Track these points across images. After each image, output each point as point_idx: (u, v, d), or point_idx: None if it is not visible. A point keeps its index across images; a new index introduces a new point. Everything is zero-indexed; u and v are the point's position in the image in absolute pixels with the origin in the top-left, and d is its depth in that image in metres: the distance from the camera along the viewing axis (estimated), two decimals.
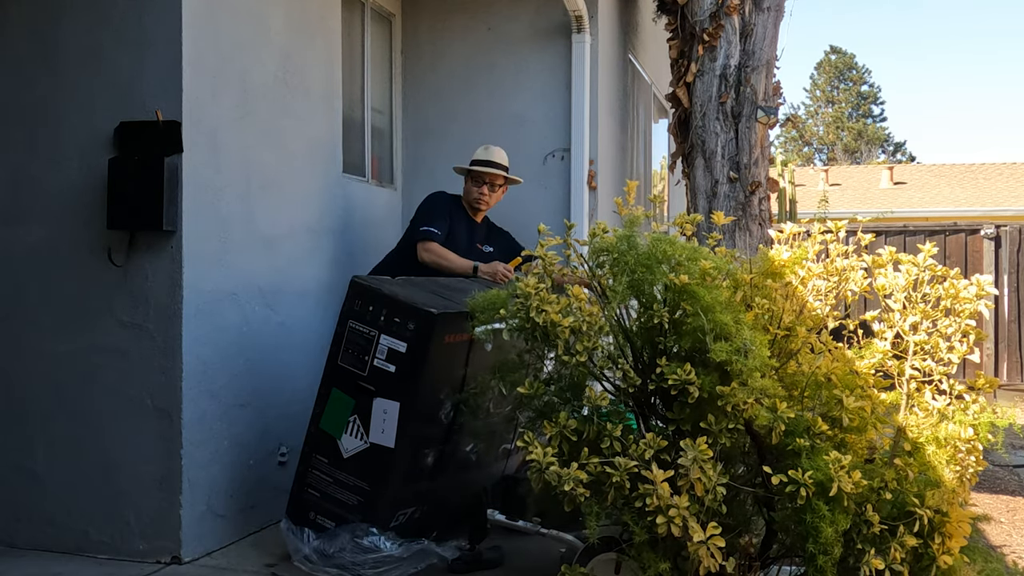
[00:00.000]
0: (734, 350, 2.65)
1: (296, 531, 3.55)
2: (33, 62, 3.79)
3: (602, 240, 2.98)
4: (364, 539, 3.40)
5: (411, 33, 5.86)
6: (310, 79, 4.50)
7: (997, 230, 11.04)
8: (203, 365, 3.71)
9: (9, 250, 3.85)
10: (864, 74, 48.33)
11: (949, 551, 2.74)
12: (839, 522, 2.59)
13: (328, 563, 3.41)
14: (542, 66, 5.69)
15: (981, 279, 2.99)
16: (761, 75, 6.08)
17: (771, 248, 3.17)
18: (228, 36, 3.87)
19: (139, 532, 3.67)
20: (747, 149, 6.05)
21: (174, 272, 3.62)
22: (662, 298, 2.87)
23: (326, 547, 3.41)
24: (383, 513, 3.51)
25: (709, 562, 2.54)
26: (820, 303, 3.12)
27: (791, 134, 46.45)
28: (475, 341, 3.46)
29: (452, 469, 3.79)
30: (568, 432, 2.76)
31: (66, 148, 3.75)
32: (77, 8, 3.74)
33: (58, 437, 3.76)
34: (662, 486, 2.54)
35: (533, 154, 5.70)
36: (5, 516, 3.83)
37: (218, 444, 3.82)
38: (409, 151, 5.87)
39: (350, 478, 3.50)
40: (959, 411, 2.90)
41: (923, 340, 2.99)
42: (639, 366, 2.94)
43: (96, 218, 3.68)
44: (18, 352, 3.83)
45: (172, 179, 3.58)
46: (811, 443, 2.69)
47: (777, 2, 6.20)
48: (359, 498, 3.49)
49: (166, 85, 3.60)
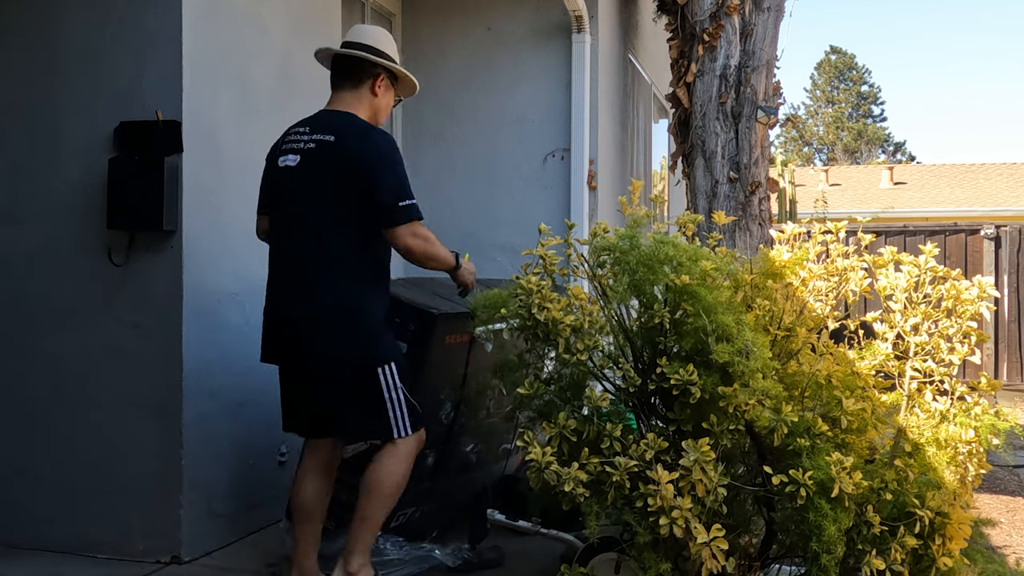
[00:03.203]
0: (736, 351, 2.65)
1: (294, 532, 3.53)
2: (33, 62, 3.79)
3: (603, 240, 2.98)
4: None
5: (411, 33, 5.86)
6: (310, 79, 4.49)
7: (997, 230, 11.04)
8: (203, 365, 3.71)
9: (9, 250, 3.84)
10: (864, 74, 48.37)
11: (949, 552, 2.74)
12: (841, 520, 2.59)
13: (328, 565, 3.40)
14: (542, 66, 5.69)
15: (982, 280, 2.99)
16: (761, 75, 6.08)
17: (772, 248, 3.17)
18: (228, 36, 3.87)
19: (139, 532, 3.67)
20: (747, 149, 6.05)
21: (174, 272, 3.62)
22: (663, 298, 2.87)
23: (325, 548, 3.41)
24: None
25: (711, 563, 2.54)
26: (821, 304, 3.12)
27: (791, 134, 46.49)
28: (475, 341, 3.46)
29: (452, 469, 3.79)
30: (568, 432, 2.76)
31: (66, 148, 3.75)
32: (77, 8, 3.73)
33: (58, 437, 3.76)
34: (666, 487, 2.54)
35: (533, 154, 5.70)
36: (5, 516, 3.82)
37: (218, 444, 3.81)
38: (409, 151, 5.86)
39: (350, 478, 3.50)
40: (960, 413, 2.90)
41: (924, 341, 2.99)
42: (639, 366, 2.94)
43: (96, 218, 3.68)
44: (18, 352, 3.83)
45: (172, 179, 3.57)
46: (811, 443, 2.69)
47: (777, 2, 6.21)
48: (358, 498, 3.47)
49: (166, 85, 3.60)
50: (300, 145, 3.07)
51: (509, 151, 5.76)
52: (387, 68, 3.20)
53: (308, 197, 3.03)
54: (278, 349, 3.14)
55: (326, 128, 3.06)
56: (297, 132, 3.13)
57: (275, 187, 3.15)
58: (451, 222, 5.73)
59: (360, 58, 3.16)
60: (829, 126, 47.23)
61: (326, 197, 3.01)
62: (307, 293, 3.03)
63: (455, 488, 3.83)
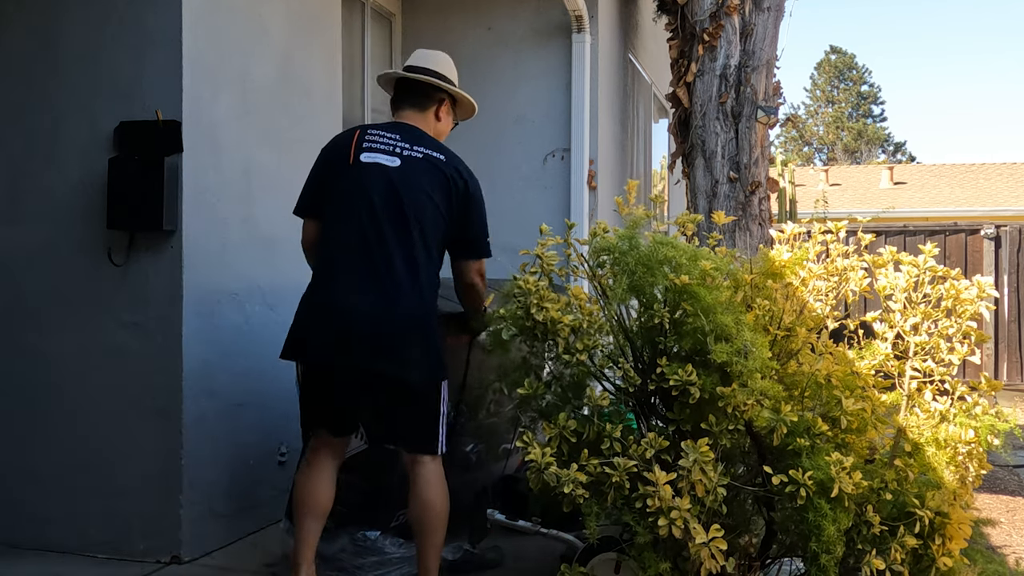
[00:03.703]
0: (735, 351, 2.64)
1: (294, 531, 3.54)
2: (33, 62, 3.79)
3: (603, 240, 2.98)
4: (364, 541, 3.39)
5: (411, 33, 5.86)
6: (310, 79, 4.50)
7: (997, 230, 11.04)
8: (203, 365, 3.71)
9: (9, 250, 3.84)
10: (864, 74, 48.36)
11: (949, 552, 2.74)
12: (841, 520, 2.59)
13: (328, 565, 3.41)
14: (542, 66, 5.69)
15: (982, 280, 2.99)
16: (761, 75, 6.08)
17: (771, 248, 3.17)
18: (228, 36, 3.87)
19: (139, 532, 3.67)
20: (747, 149, 6.05)
21: (174, 272, 3.62)
22: (663, 298, 2.87)
23: (325, 548, 3.41)
24: (383, 514, 3.51)
25: (710, 563, 2.54)
26: (820, 303, 3.12)
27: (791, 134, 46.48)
28: (475, 342, 3.46)
29: (453, 470, 3.78)
30: (568, 433, 2.75)
31: (66, 148, 3.75)
32: (77, 8, 3.73)
33: (58, 437, 3.76)
34: (664, 488, 2.54)
35: (533, 154, 5.71)
36: (5, 516, 3.82)
37: (218, 444, 3.81)
38: None
39: (349, 478, 3.50)
40: (960, 413, 2.90)
41: (924, 341, 2.99)
42: (639, 366, 2.94)
43: (96, 218, 3.68)
44: (18, 352, 3.83)
45: (172, 179, 3.57)
46: (811, 443, 2.69)
47: (777, 2, 6.21)
48: (358, 498, 3.48)
49: (166, 85, 3.60)
50: (394, 148, 3.04)
51: (509, 151, 5.76)
52: (449, 93, 3.27)
53: (409, 199, 2.98)
54: (335, 343, 2.94)
55: (423, 143, 3.08)
56: (381, 135, 3.07)
57: (354, 182, 3.01)
58: None
59: (426, 83, 3.19)
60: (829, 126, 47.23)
61: (428, 206, 3.00)
62: (391, 291, 2.93)
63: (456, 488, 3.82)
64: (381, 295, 2.93)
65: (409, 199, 2.98)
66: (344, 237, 3.00)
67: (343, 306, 2.95)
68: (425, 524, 3.02)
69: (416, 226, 2.98)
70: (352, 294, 2.94)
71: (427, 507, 3.02)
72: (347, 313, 2.94)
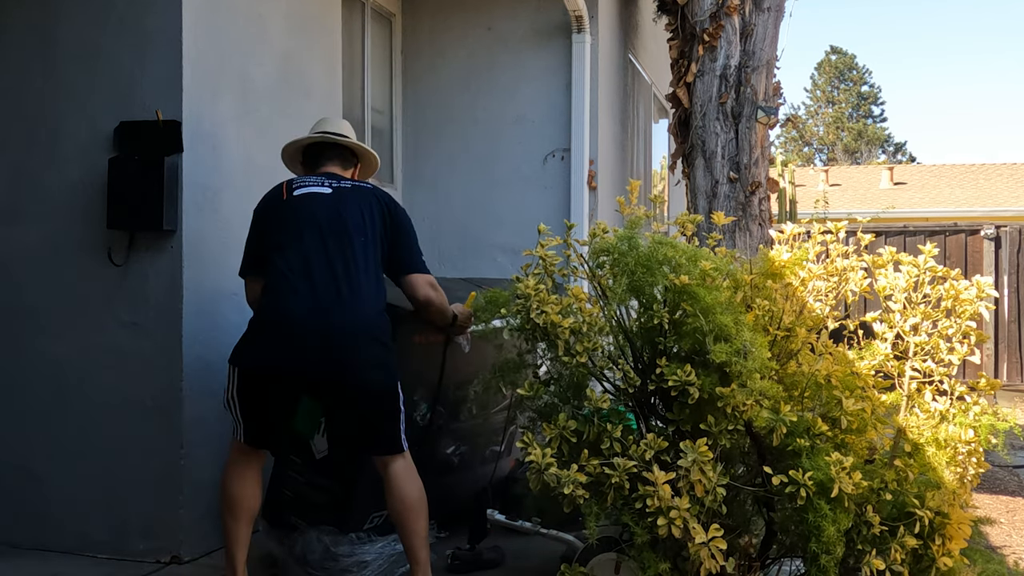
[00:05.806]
0: (734, 351, 2.65)
1: (272, 533, 3.51)
2: (33, 62, 3.79)
3: (602, 240, 2.98)
4: (338, 546, 3.34)
5: (411, 33, 5.87)
6: (310, 79, 4.50)
7: (997, 230, 11.04)
8: (203, 365, 3.71)
9: (9, 250, 3.85)
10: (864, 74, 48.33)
11: (949, 552, 2.75)
12: (841, 521, 2.59)
13: (304, 565, 3.38)
14: (542, 66, 5.69)
15: (982, 281, 2.99)
16: (761, 75, 6.08)
17: (771, 248, 3.17)
18: (228, 36, 3.87)
19: (139, 532, 3.67)
20: (747, 149, 6.05)
21: (174, 272, 3.62)
22: (662, 298, 2.87)
23: (301, 549, 3.38)
24: (356, 515, 3.45)
25: (710, 563, 2.54)
26: (820, 304, 3.12)
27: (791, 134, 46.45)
28: (451, 342, 3.44)
29: (431, 471, 3.73)
30: (568, 433, 2.76)
31: (66, 148, 3.75)
32: (77, 8, 3.74)
33: (58, 437, 3.76)
34: (663, 488, 2.54)
35: (533, 154, 5.70)
36: (5, 516, 3.82)
37: (218, 444, 3.81)
38: (409, 151, 5.87)
39: (322, 480, 3.45)
40: (960, 413, 2.90)
41: (924, 341, 2.99)
42: (639, 366, 2.94)
43: (96, 218, 3.68)
44: (18, 352, 3.83)
45: (172, 179, 3.58)
46: (811, 443, 2.70)
47: (777, 2, 6.21)
48: (331, 500, 3.42)
49: (166, 85, 3.60)
50: (324, 183, 3.23)
51: (509, 151, 5.76)
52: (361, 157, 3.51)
53: (347, 215, 3.13)
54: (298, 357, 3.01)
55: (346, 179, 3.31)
56: (308, 179, 3.27)
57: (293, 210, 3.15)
58: (451, 222, 5.74)
59: (348, 145, 3.43)
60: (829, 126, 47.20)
61: (366, 220, 3.15)
62: (341, 300, 3.02)
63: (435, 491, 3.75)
64: (331, 304, 3.02)
65: (347, 215, 3.14)
66: (291, 259, 3.09)
67: (293, 317, 3.02)
68: (405, 517, 3.10)
69: (359, 238, 3.12)
70: (301, 306, 3.02)
71: (403, 501, 3.10)
72: (298, 323, 3.01)
